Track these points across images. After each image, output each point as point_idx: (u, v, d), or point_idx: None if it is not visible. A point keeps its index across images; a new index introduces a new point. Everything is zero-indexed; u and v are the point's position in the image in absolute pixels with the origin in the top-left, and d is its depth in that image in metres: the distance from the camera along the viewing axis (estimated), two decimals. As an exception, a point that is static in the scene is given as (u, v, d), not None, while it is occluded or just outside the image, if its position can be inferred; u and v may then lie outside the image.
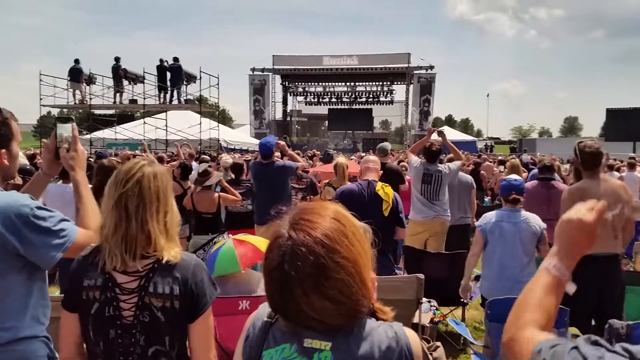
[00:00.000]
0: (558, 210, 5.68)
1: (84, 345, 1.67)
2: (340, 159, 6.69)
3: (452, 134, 26.04)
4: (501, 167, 9.01)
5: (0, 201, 1.68)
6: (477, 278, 5.06)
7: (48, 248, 1.69)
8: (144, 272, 1.59)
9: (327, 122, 42.97)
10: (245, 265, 3.27)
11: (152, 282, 1.58)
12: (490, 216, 3.94)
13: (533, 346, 0.95)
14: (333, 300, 1.01)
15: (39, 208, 1.72)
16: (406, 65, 33.38)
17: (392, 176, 5.78)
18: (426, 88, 33.16)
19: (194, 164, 8.81)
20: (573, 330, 3.41)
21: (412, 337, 1.10)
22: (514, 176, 4.24)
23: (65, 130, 2.00)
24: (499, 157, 15.85)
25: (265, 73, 35.49)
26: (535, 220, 3.87)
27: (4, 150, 1.77)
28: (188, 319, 1.61)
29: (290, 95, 38.96)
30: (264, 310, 1.17)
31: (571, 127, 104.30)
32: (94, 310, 1.59)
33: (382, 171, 4.73)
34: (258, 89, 35.39)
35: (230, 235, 4.46)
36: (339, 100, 38.58)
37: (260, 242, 3.35)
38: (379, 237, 1.22)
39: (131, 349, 1.59)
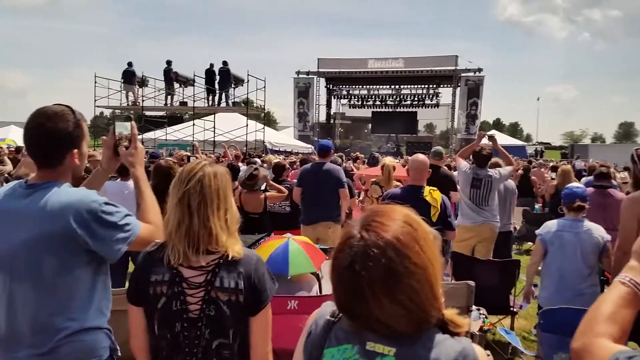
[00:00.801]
0: (614, 220, 5.45)
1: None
2: (388, 159, 6.65)
3: (501, 139, 25.30)
4: (553, 174, 8.69)
5: (72, 198, 1.76)
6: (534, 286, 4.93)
7: (115, 242, 1.77)
8: (210, 267, 1.64)
9: (370, 125, 42.74)
10: (317, 266, 3.34)
11: (219, 277, 1.63)
12: (551, 225, 3.84)
13: (609, 356, 0.92)
14: (402, 306, 1.01)
15: (106, 203, 1.80)
16: (453, 67, 32.75)
17: (444, 182, 5.69)
18: (474, 91, 32.42)
19: (241, 164, 8.99)
20: (632, 345, 3.27)
21: (480, 355, 1.07)
22: (575, 184, 4.14)
23: (125, 128, 2.08)
24: (551, 163, 15.33)
25: (309, 76, 35.67)
26: (598, 232, 3.76)
27: (75, 150, 1.84)
28: (250, 312, 1.66)
29: (334, 98, 38.97)
30: (326, 308, 1.18)
31: (626, 133, 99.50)
32: (160, 304, 1.65)
33: (434, 175, 4.67)
34: (302, 92, 35.61)
35: (274, 235, 4.54)
36: (383, 103, 38.25)
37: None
38: None
39: (196, 342, 1.64)
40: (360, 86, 37.73)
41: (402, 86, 36.99)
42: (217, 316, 1.63)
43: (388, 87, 37.37)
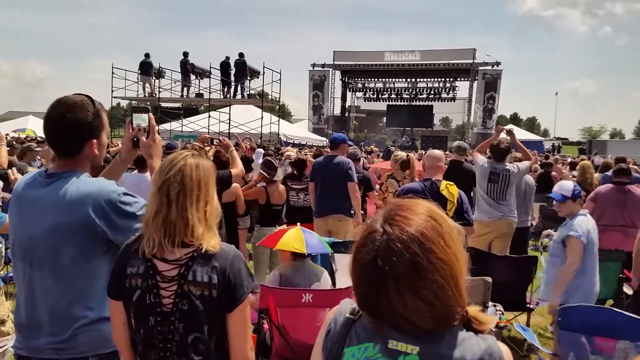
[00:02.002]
0: (633, 217, 5.37)
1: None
2: (402, 153, 6.61)
3: (518, 133, 24.92)
4: (573, 172, 8.54)
5: (91, 188, 1.77)
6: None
7: (133, 232, 1.76)
8: (184, 260, 1.61)
9: (385, 118, 42.53)
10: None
11: (192, 271, 1.59)
12: (585, 224, 3.72)
13: None
14: (427, 302, 0.98)
15: (125, 194, 1.80)
16: (471, 61, 32.40)
17: (466, 176, 5.63)
18: (491, 85, 32.07)
19: (261, 150, 8.99)
20: None
21: (506, 353, 1.04)
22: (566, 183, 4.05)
23: (143, 120, 2.08)
24: (569, 159, 15.10)
25: (325, 69, 35.58)
26: None
27: (95, 140, 1.85)
28: (226, 309, 1.62)
29: (350, 91, 38.83)
30: (345, 306, 1.15)
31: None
32: (135, 297, 1.62)
33: (457, 170, 4.62)
34: (318, 85, 35.55)
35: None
36: (398, 96, 38.03)
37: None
38: None
39: (170, 336, 1.61)
40: (376, 79, 37.54)
41: (418, 79, 36.72)
42: (190, 310, 1.60)
43: (404, 80, 37.13)
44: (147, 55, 20.45)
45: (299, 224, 3.83)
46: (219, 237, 1.69)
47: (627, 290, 4.73)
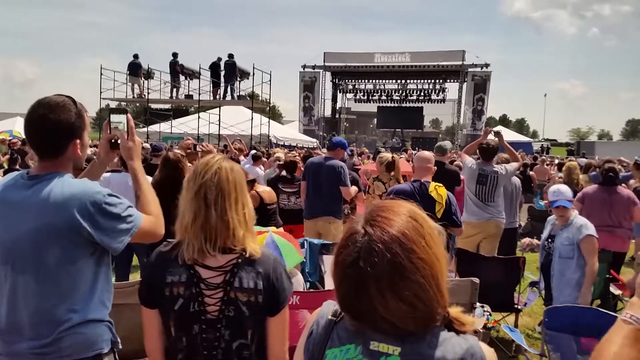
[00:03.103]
0: (620, 217, 5.42)
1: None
2: (389, 154, 6.62)
3: (507, 135, 25.11)
4: (560, 173, 8.62)
5: (76, 189, 1.75)
6: (531, 284, 4.90)
7: (118, 233, 1.76)
8: (229, 267, 1.60)
9: (375, 119, 42.62)
10: (300, 253, 3.32)
11: (237, 277, 1.60)
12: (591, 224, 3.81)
13: None
14: (408, 303, 0.98)
15: (110, 195, 1.79)
16: (460, 63, 32.55)
17: (449, 177, 5.65)
18: (481, 86, 32.23)
19: (242, 158, 8.95)
20: None
21: (488, 353, 1.04)
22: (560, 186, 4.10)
23: (120, 121, 2.07)
24: (556, 160, 15.22)
25: (315, 70, 35.56)
26: None
27: (78, 141, 1.84)
28: (269, 312, 1.63)
29: (340, 92, 38.85)
30: (328, 308, 1.15)
31: (634, 130, 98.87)
32: (177, 306, 1.61)
33: (438, 170, 4.62)
34: (308, 86, 35.51)
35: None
36: (389, 98, 38.13)
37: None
38: None
39: (216, 344, 1.61)
40: (366, 81, 37.60)
41: (408, 81, 36.85)
42: (236, 317, 1.60)
43: (394, 81, 37.24)
44: (135, 56, 20.37)
45: (282, 228, 3.77)
46: (257, 240, 1.70)
47: (614, 290, 4.77)
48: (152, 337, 1.69)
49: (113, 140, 2.06)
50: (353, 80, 37.91)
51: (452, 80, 34.93)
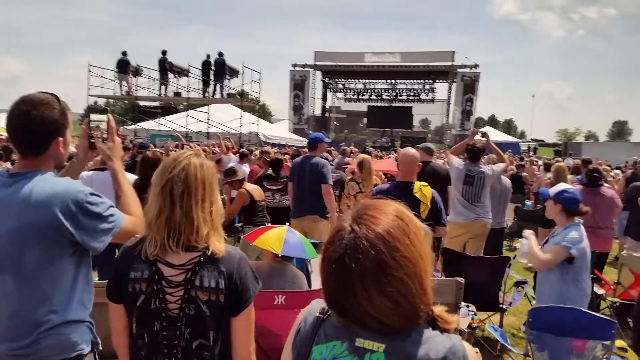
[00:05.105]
0: (604, 218, 5.49)
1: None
2: (363, 155, 6.63)
3: (495, 135, 25.39)
4: (548, 174, 8.68)
5: (58, 188, 1.73)
6: (517, 284, 4.94)
7: (99, 233, 1.74)
8: (191, 265, 1.58)
9: (365, 119, 42.72)
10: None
11: (199, 276, 1.57)
12: (578, 238, 3.43)
13: None
14: (392, 299, 1.00)
15: (91, 194, 1.77)
16: (450, 63, 32.79)
17: (436, 177, 5.63)
18: (469, 87, 32.48)
19: (232, 156, 8.93)
20: (619, 343, 3.28)
21: (470, 352, 1.06)
22: (564, 185, 3.86)
23: (101, 120, 2.05)
24: (540, 161, 15.34)
25: (306, 69, 35.60)
26: None
27: (61, 139, 1.82)
28: (231, 312, 1.61)
29: (330, 91, 38.93)
30: (316, 305, 1.17)
31: (620, 131, 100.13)
32: (139, 302, 1.59)
33: (429, 170, 4.64)
34: (298, 85, 35.54)
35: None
36: (379, 97, 38.28)
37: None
38: None
39: (175, 342, 1.59)
40: (357, 80, 37.72)
41: (398, 81, 37.04)
42: (197, 316, 1.57)
43: (384, 81, 37.41)
44: (124, 54, 20.23)
45: (277, 224, 3.78)
46: (224, 239, 1.67)
47: (597, 290, 4.83)
48: (119, 332, 1.68)
49: (92, 140, 2.05)
50: (343, 80, 38.00)
51: (441, 81, 35.17)
